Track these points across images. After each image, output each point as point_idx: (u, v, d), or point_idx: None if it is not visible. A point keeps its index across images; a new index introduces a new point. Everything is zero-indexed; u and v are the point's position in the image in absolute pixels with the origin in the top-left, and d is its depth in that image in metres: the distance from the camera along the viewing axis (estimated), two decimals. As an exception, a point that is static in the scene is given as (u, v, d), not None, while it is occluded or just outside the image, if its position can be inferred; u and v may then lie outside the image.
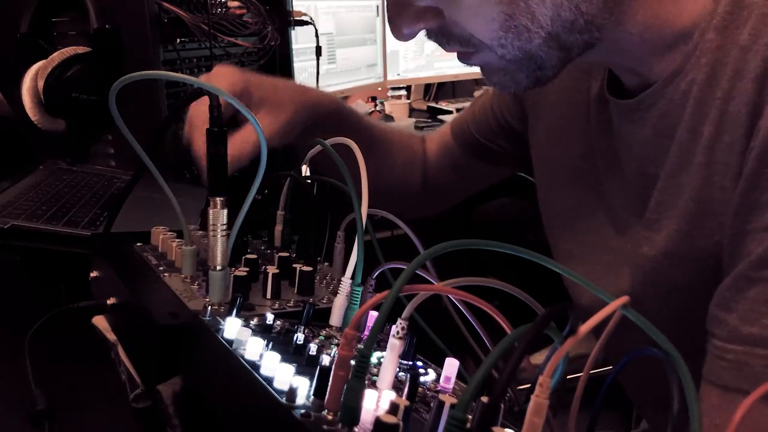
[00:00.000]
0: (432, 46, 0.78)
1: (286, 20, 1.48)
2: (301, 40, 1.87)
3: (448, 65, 2.77)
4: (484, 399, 0.34)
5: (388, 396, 0.37)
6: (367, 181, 0.55)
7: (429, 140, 1.05)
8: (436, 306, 0.50)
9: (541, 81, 0.65)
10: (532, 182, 0.90)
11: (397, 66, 2.75)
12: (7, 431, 0.59)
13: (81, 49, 1.06)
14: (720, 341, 0.57)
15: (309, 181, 0.71)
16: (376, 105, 2.60)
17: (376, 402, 0.37)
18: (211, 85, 0.55)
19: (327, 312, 0.54)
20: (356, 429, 0.35)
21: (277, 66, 1.42)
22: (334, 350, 0.46)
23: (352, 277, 0.54)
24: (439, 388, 0.48)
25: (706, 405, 0.57)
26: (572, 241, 0.80)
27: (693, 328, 0.60)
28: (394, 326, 0.41)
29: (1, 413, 0.60)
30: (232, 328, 0.45)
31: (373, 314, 0.49)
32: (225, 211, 0.54)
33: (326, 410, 0.36)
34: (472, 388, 0.30)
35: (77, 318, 0.65)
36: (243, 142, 0.73)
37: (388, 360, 0.41)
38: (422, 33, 0.65)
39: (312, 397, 0.38)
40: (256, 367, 0.41)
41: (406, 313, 0.40)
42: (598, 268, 0.74)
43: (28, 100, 1.04)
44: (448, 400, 0.37)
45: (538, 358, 0.42)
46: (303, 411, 0.36)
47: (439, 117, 2.76)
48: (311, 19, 1.70)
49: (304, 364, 0.43)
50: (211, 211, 0.54)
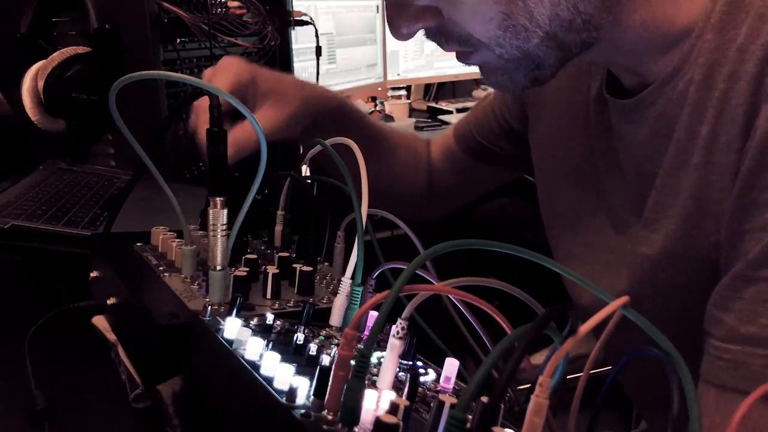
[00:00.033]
0: (432, 46, 0.78)
1: (286, 20, 1.48)
2: (301, 40, 1.87)
3: (448, 65, 2.77)
4: (484, 399, 0.34)
5: (388, 396, 0.37)
6: (371, 181, 0.55)
7: (433, 144, 1.05)
8: (436, 306, 0.50)
9: (540, 80, 0.65)
10: (532, 182, 0.90)
11: (397, 66, 2.75)
12: (7, 431, 0.59)
13: (81, 49, 1.06)
14: (717, 341, 0.57)
15: (309, 181, 0.71)
16: (376, 105, 2.60)
17: (376, 402, 0.37)
18: (211, 85, 0.55)
19: (327, 312, 0.54)
20: (356, 429, 0.35)
21: (277, 66, 1.42)
22: (334, 350, 0.46)
23: (352, 277, 0.54)
24: (439, 388, 0.48)
25: (703, 405, 0.57)
26: (572, 241, 0.80)
27: (692, 328, 0.60)
28: (394, 326, 0.41)
29: (1, 413, 0.60)
30: (232, 328, 0.45)
31: (373, 314, 0.49)
32: (225, 211, 0.54)
33: (326, 410, 0.36)
34: (472, 388, 0.30)
35: (77, 318, 0.65)
36: (247, 132, 0.73)
37: (388, 360, 0.41)
38: (421, 32, 0.65)
39: (312, 397, 0.38)
40: (256, 367, 0.41)
41: (406, 313, 0.40)
42: (598, 268, 0.74)
43: (28, 100, 1.04)
44: (448, 400, 0.37)
45: (538, 358, 0.42)
46: (303, 411, 0.36)
47: (439, 117, 2.76)
48: (311, 19, 1.69)
49: (304, 364, 0.43)
50: (211, 211, 0.54)
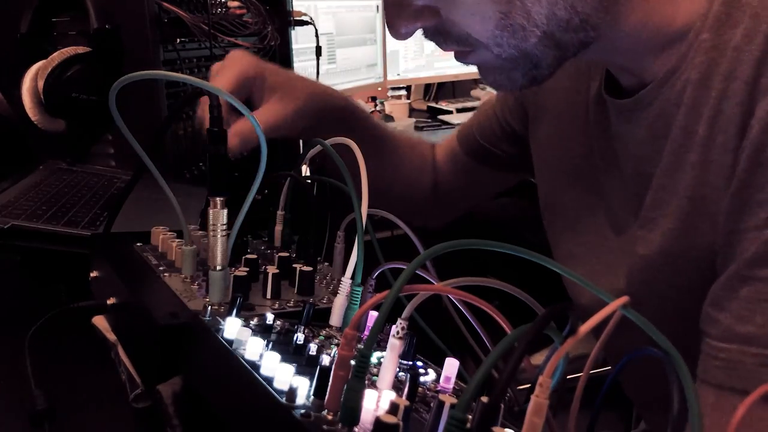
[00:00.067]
0: (432, 46, 0.78)
1: (286, 20, 1.48)
2: (301, 40, 1.87)
3: (448, 65, 2.77)
4: (484, 399, 0.34)
5: (388, 396, 0.37)
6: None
7: (438, 146, 1.05)
8: (436, 306, 0.50)
9: (537, 80, 0.65)
10: (532, 182, 0.90)
11: (397, 66, 2.75)
12: (7, 431, 0.59)
13: (81, 49, 1.05)
14: (714, 340, 0.57)
15: (309, 181, 0.71)
16: (376, 105, 2.60)
17: (376, 402, 0.37)
18: (211, 85, 0.55)
19: (327, 312, 0.54)
20: (356, 429, 0.35)
21: (277, 66, 1.42)
22: (334, 350, 0.46)
23: (352, 277, 0.54)
24: (439, 388, 0.48)
25: (700, 404, 0.57)
26: (573, 242, 0.80)
27: (691, 328, 0.60)
28: (394, 326, 0.41)
29: (1, 413, 0.60)
30: (232, 328, 0.45)
31: (373, 314, 0.49)
32: (225, 211, 0.54)
33: (326, 410, 0.36)
34: (472, 388, 0.30)
35: (77, 318, 0.65)
36: (252, 124, 0.73)
37: (388, 360, 0.41)
38: (420, 32, 0.65)
39: (312, 397, 0.38)
40: (256, 367, 0.41)
41: (406, 313, 0.40)
42: (597, 268, 0.74)
43: (28, 100, 1.04)
44: (448, 400, 0.37)
45: (538, 358, 0.42)
46: (303, 411, 0.36)
47: (439, 117, 2.76)
48: (311, 19, 1.69)
49: (304, 364, 0.43)
50: (211, 211, 0.54)
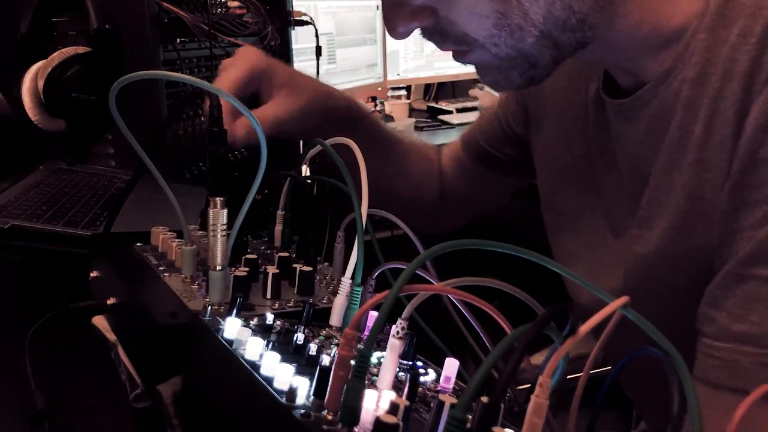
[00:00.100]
0: (432, 46, 0.78)
1: (286, 20, 1.49)
2: (301, 40, 1.87)
3: (448, 65, 2.77)
4: (484, 399, 0.34)
5: (388, 396, 0.37)
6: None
7: (444, 151, 1.05)
8: (436, 306, 0.50)
9: (535, 80, 0.65)
10: (532, 183, 0.90)
11: (397, 66, 2.75)
12: (7, 431, 0.59)
13: (81, 49, 1.05)
14: (709, 339, 0.58)
15: (309, 181, 0.71)
16: (376, 105, 2.60)
17: (376, 402, 0.37)
18: (211, 85, 0.55)
19: (327, 312, 0.54)
20: (356, 429, 0.35)
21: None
22: (334, 350, 0.46)
23: (352, 277, 0.53)
24: (439, 388, 0.48)
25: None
26: (573, 242, 0.80)
27: (691, 327, 0.60)
28: (394, 326, 0.41)
29: (1, 413, 0.60)
30: (232, 328, 0.45)
31: (373, 314, 0.49)
32: (225, 211, 0.54)
33: (326, 410, 0.36)
34: (472, 388, 0.30)
35: (77, 318, 0.65)
36: (260, 117, 0.74)
37: (388, 360, 0.41)
38: (418, 32, 0.65)
39: (312, 397, 0.38)
40: (256, 367, 0.41)
41: (406, 313, 0.40)
42: (598, 268, 0.74)
43: (28, 100, 1.04)
44: (448, 400, 0.37)
45: (538, 358, 0.42)
46: (303, 411, 0.36)
47: (439, 117, 2.76)
48: (311, 19, 1.69)
49: (304, 364, 0.43)
50: (211, 211, 0.54)
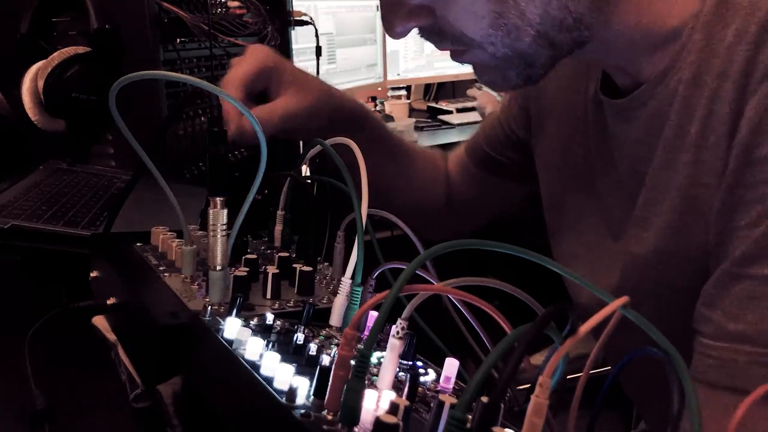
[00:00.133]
0: (432, 45, 0.79)
1: (286, 20, 1.49)
2: (301, 40, 1.87)
3: (448, 65, 2.77)
4: (484, 399, 0.34)
5: (388, 396, 0.37)
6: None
7: (450, 158, 1.05)
8: (436, 306, 0.50)
9: (532, 79, 0.65)
10: (535, 189, 0.89)
11: (397, 66, 2.75)
12: (7, 431, 0.59)
13: (81, 49, 1.06)
14: (706, 339, 0.58)
15: (309, 181, 0.71)
16: (376, 105, 2.60)
17: (376, 402, 0.37)
18: (211, 86, 0.55)
19: (327, 312, 0.54)
20: (356, 429, 0.35)
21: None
22: (334, 350, 0.46)
23: (352, 277, 0.54)
24: (439, 388, 0.48)
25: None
26: (574, 242, 0.80)
27: (690, 328, 0.60)
28: (394, 326, 0.41)
29: (1, 413, 0.60)
30: (232, 328, 0.45)
31: (373, 314, 0.49)
32: (225, 211, 0.54)
33: (326, 410, 0.36)
34: (472, 388, 0.30)
35: (77, 318, 0.65)
36: (267, 112, 0.78)
37: (388, 360, 0.41)
38: (415, 31, 0.65)
39: (312, 397, 0.38)
40: (256, 367, 0.41)
41: (406, 313, 0.40)
42: (598, 269, 0.74)
43: (28, 100, 1.04)
44: (448, 400, 0.37)
45: (538, 358, 0.42)
46: (303, 411, 0.36)
47: (439, 117, 2.76)
48: (311, 19, 1.70)
49: (304, 364, 0.43)
50: (211, 211, 0.54)
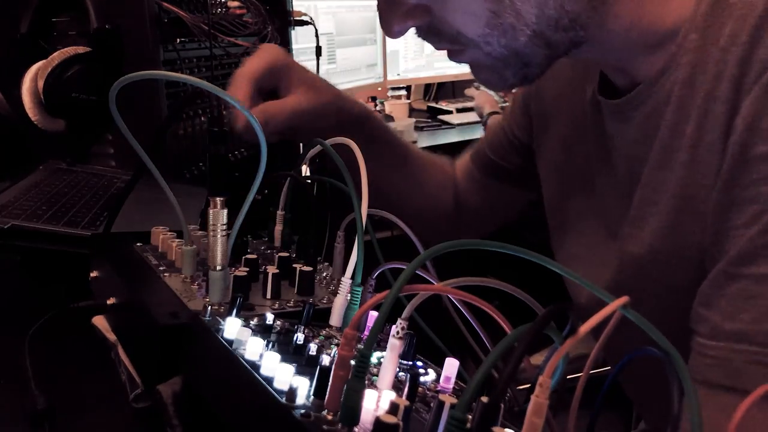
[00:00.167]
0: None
1: (286, 20, 1.49)
2: (301, 40, 1.87)
3: (448, 65, 2.76)
4: (484, 399, 0.34)
5: (388, 396, 0.37)
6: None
7: (457, 164, 1.04)
8: (436, 306, 0.50)
9: (528, 79, 0.66)
10: (539, 197, 0.89)
11: (397, 66, 2.75)
12: (7, 431, 0.59)
13: (81, 49, 1.06)
14: (703, 338, 0.58)
15: (309, 181, 0.71)
16: (376, 105, 2.60)
17: (376, 402, 0.37)
18: (212, 86, 0.55)
19: (327, 312, 0.54)
20: (356, 429, 0.35)
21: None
22: (334, 350, 0.46)
23: (352, 277, 0.54)
24: (439, 388, 0.48)
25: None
26: (575, 243, 0.80)
27: (687, 328, 0.60)
28: (394, 326, 0.41)
29: (1, 413, 0.60)
30: (232, 328, 0.45)
31: (373, 314, 0.49)
32: (225, 211, 0.54)
33: (326, 410, 0.36)
34: (472, 388, 0.30)
35: (77, 318, 0.65)
36: (279, 107, 0.79)
37: (388, 360, 0.41)
38: (413, 31, 0.66)
39: (312, 397, 0.38)
40: (256, 367, 0.41)
41: (406, 313, 0.40)
42: (598, 269, 0.74)
43: (28, 100, 1.04)
44: (448, 400, 0.37)
45: (538, 358, 0.42)
46: (303, 411, 0.36)
47: (439, 117, 2.76)
48: (311, 19, 1.70)
49: (304, 364, 0.43)
50: (211, 211, 0.54)
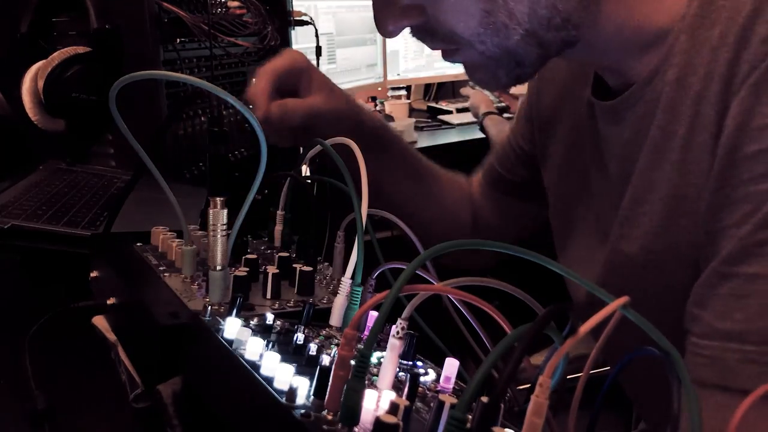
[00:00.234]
0: (432, 45, 0.80)
1: (286, 20, 1.49)
2: (301, 40, 1.87)
3: (448, 65, 2.75)
4: (484, 399, 0.34)
5: (388, 396, 0.37)
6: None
7: (473, 181, 1.03)
8: (436, 306, 0.50)
9: (521, 78, 0.66)
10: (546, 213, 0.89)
11: (397, 66, 2.75)
12: (7, 431, 0.59)
13: (81, 49, 1.06)
14: (696, 338, 0.58)
15: (309, 181, 0.71)
16: (376, 105, 2.60)
17: (376, 402, 0.37)
18: (212, 86, 0.55)
19: (327, 312, 0.54)
20: (356, 429, 0.35)
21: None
22: (334, 350, 0.46)
23: (352, 277, 0.53)
24: (439, 388, 0.48)
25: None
26: (576, 245, 0.80)
27: (681, 328, 0.60)
28: (394, 326, 0.41)
29: (1, 413, 0.60)
30: (232, 328, 0.45)
31: (373, 314, 0.49)
32: (225, 211, 0.54)
33: (326, 410, 0.36)
34: (472, 388, 0.30)
35: (77, 318, 0.65)
36: (297, 103, 0.80)
37: (388, 360, 0.41)
38: (407, 30, 0.66)
39: (312, 397, 0.38)
40: (256, 367, 0.41)
41: (406, 313, 0.40)
42: (598, 269, 0.74)
43: (28, 100, 1.04)
44: (448, 400, 0.37)
45: (538, 358, 0.42)
46: (303, 411, 0.36)
47: (439, 117, 2.76)
48: (311, 19, 1.69)
49: (304, 364, 0.43)
50: (211, 211, 0.54)
